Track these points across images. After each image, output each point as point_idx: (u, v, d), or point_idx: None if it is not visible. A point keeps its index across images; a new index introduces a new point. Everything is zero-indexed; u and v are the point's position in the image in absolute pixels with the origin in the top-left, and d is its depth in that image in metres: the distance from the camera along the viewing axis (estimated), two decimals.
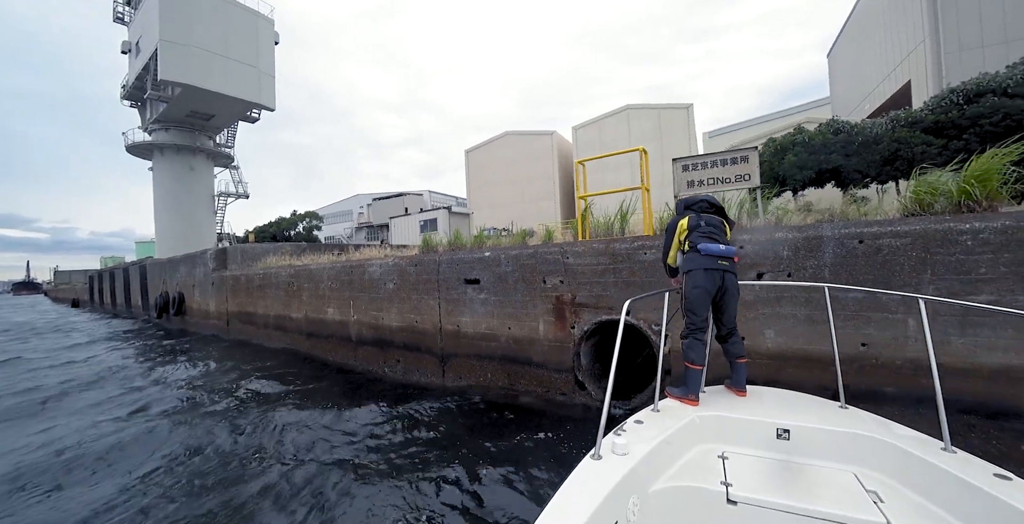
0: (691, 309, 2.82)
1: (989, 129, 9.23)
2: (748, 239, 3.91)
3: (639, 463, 1.85)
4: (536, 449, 4.17)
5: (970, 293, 3.16)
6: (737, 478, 2.01)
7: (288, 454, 4.46)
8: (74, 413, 6.33)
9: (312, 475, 3.96)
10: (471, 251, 6.07)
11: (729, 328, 2.95)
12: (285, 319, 10.38)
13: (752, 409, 2.50)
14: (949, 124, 10.30)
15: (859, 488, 1.92)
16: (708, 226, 2.91)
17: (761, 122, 32.77)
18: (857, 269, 3.51)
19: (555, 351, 5.12)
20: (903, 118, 11.39)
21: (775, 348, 3.82)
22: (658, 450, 2.03)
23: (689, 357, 2.73)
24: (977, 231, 3.16)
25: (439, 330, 6.44)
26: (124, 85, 28.14)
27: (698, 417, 2.42)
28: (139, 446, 4.83)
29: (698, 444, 2.33)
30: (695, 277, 2.80)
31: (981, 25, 15.01)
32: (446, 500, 3.46)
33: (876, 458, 2.06)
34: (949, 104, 10.28)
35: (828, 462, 2.15)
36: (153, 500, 3.65)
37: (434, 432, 4.76)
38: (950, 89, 10.10)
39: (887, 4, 18.88)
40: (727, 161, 4.41)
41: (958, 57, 15.45)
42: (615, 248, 4.60)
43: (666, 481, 2.00)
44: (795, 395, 2.80)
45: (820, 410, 2.48)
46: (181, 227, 27.05)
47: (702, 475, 2.05)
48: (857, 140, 12.30)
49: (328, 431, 5.01)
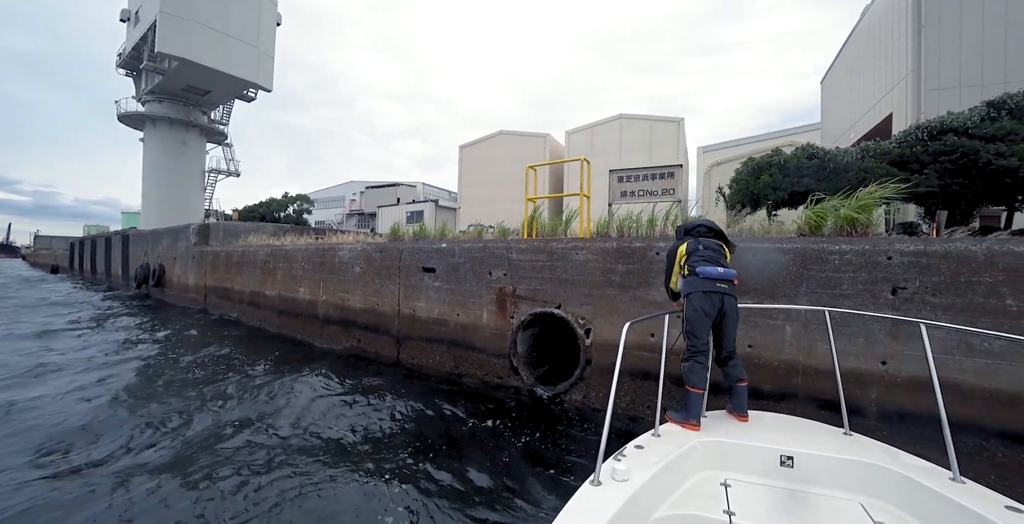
0: (691, 332, 2.83)
1: (948, 166, 9.88)
2: (664, 246, 4.39)
3: (640, 490, 1.81)
4: (474, 425, 4.63)
5: (835, 305, 3.67)
6: (740, 507, 1.96)
7: (237, 418, 4.85)
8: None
9: (262, 438, 4.36)
10: (431, 242, 6.50)
11: (728, 351, 2.95)
12: (259, 296, 10.69)
13: (754, 435, 2.46)
14: (913, 158, 10.97)
15: (866, 519, 1.88)
16: (707, 250, 2.95)
17: (754, 141, 33.53)
18: (749, 279, 4.01)
19: (495, 338, 5.58)
20: (872, 149, 12.06)
21: (681, 345, 4.31)
22: (659, 477, 1.98)
23: (690, 381, 2.72)
24: (843, 252, 3.68)
25: (397, 313, 6.86)
26: (120, 53, 27.89)
27: (700, 443, 2.38)
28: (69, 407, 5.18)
29: (700, 471, 2.28)
30: (694, 300, 2.82)
31: (960, 67, 15.77)
32: (391, 463, 3.89)
33: (883, 487, 2.02)
34: (914, 139, 10.93)
35: (833, 491, 2.10)
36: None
37: (386, 408, 5.19)
38: (916, 125, 10.74)
39: (877, 39, 19.63)
40: (656, 175, 4.89)
41: (937, 95, 16.21)
42: (552, 247, 5.06)
43: (668, 509, 1.95)
44: (798, 421, 2.78)
45: (824, 437, 2.45)
46: (169, 201, 26.95)
47: (704, 503, 2.00)
48: (829, 166, 12.94)
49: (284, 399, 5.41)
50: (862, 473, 2.09)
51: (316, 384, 5.93)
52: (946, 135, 10.07)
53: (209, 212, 30.97)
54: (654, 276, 4.41)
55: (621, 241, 4.65)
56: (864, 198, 4.00)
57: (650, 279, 4.45)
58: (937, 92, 16.33)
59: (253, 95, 29.07)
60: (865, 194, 4.03)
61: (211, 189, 31.03)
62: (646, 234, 4.97)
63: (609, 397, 2.00)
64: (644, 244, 4.51)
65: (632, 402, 4.54)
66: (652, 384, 4.43)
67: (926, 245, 3.45)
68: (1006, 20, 13.39)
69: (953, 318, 3.32)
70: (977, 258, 3.30)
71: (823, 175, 12.73)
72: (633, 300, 4.54)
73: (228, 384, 5.99)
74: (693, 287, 2.85)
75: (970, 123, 9.95)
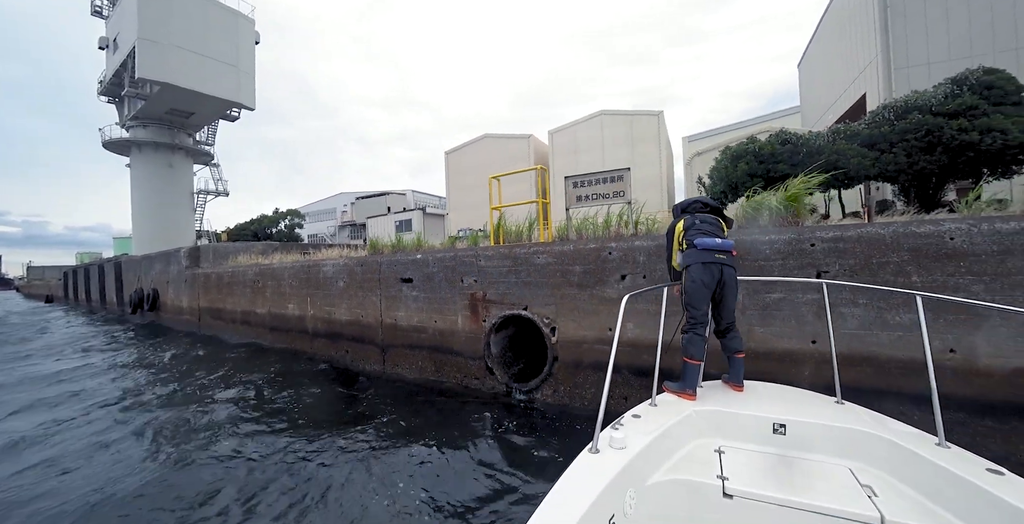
0: (691, 303, 2.84)
1: (914, 144, 10.22)
2: (615, 247, 4.70)
3: (636, 457, 1.87)
4: (456, 423, 4.92)
5: (767, 292, 3.98)
6: (733, 472, 2.03)
7: (237, 423, 5.13)
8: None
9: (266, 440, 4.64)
10: (407, 254, 6.79)
11: (728, 323, 2.97)
12: (251, 314, 10.96)
13: (749, 404, 2.53)
14: (881, 138, 11.31)
15: (854, 482, 1.95)
16: (703, 224, 2.97)
17: (737, 128, 33.94)
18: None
19: (471, 341, 5.87)
20: (843, 131, 12.40)
21: (635, 338, 4.62)
22: (655, 444, 2.05)
23: (688, 352, 2.73)
24: (773, 242, 3.99)
25: (380, 323, 7.15)
26: (101, 80, 28.08)
27: (695, 412, 2.45)
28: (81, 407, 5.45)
29: (695, 438, 2.35)
30: (693, 272, 2.83)
31: (927, 44, 16.16)
32: (388, 457, 4.18)
33: (871, 453, 2.09)
34: (882, 119, 11.27)
35: (824, 457, 2.17)
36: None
37: (373, 408, 5.47)
38: (883, 105, 11.06)
39: (846, 20, 20.03)
40: (607, 179, 5.20)
41: (907, 73, 16.61)
42: (516, 253, 5.36)
43: (663, 475, 2.02)
44: (792, 390, 2.85)
45: (816, 405, 2.52)
46: (159, 224, 27.15)
47: (699, 469, 2.07)
48: (802, 151, 13.29)
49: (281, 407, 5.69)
50: (851, 439, 2.15)
51: (312, 393, 6.21)
52: (911, 114, 10.42)
53: (200, 233, 31.15)
54: (608, 274, 4.72)
55: (577, 243, 4.96)
56: (792, 189, 4.32)
57: (605, 277, 4.75)
58: (906, 70, 16.73)
59: (236, 114, 29.31)
60: (793, 185, 4.34)
61: (201, 210, 31.21)
62: (602, 235, 5.28)
63: (606, 372, 2.02)
64: (598, 245, 4.81)
65: (597, 394, 4.84)
66: (616, 376, 4.73)
67: (842, 231, 3.77)
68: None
69: (868, 297, 3.64)
70: (885, 240, 3.61)
71: (797, 160, 13.07)
72: (591, 298, 4.84)
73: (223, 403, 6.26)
74: (692, 259, 2.85)
75: (934, 101, 10.29)
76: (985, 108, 7.93)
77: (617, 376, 4.73)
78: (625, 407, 4.65)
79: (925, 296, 2.18)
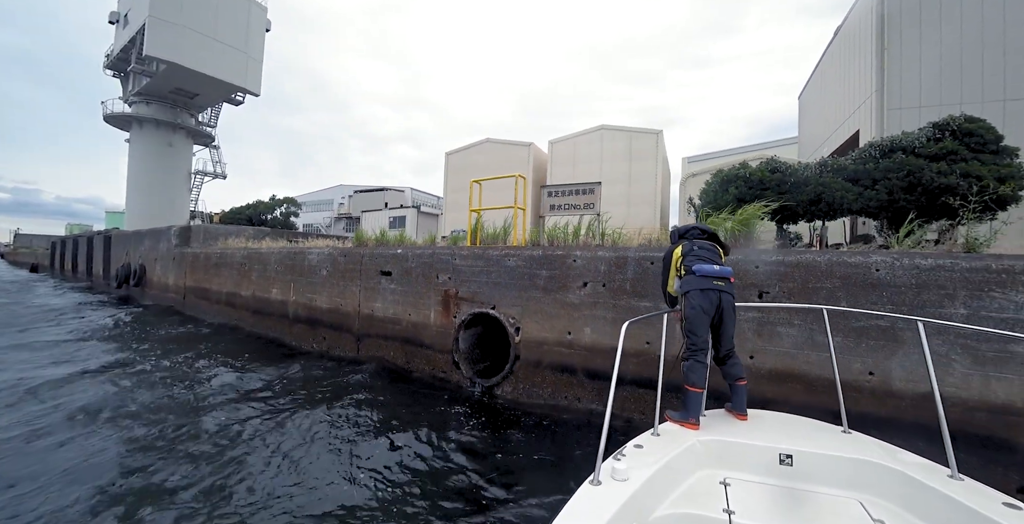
0: (691, 330, 2.83)
1: (896, 182, 10.66)
2: (579, 255, 4.99)
3: (639, 489, 1.81)
4: (423, 411, 5.16)
5: None
6: (740, 505, 1.97)
7: (216, 405, 5.32)
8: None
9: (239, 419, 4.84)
10: (388, 247, 7.04)
11: (727, 349, 2.96)
12: (235, 296, 11.10)
13: (754, 433, 2.47)
14: (865, 174, 11.77)
15: (865, 517, 1.88)
16: (701, 250, 2.98)
17: (734, 153, 34.61)
18: (647, 284, 4.61)
19: (441, 336, 6.12)
20: (830, 164, 12.87)
21: (591, 342, 4.89)
22: (659, 476, 1.99)
23: (690, 380, 2.71)
24: None
25: (358, 313, 7.36)
26: (108, 54, 28.10)
27: (699, 442, 2.38)
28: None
29: (699, 469, 2.28)
30: (693, 298, 2.83)
31: (920, 89, 16.83)
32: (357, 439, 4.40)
33: (882, 485, 2.02)
34: (867, 156, 11.75)
35: (833, 489, 2.10)
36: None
37: (348, 396, 5.69)
38: (869, 143, 11.53)
39: (846, 59, 20.77)
40: (579, 191, 5.51)
41: (899, 114, 17.27)
42: (489, 254, 5.63)
43: (667, 508, 1.95)
44: (797, 419, 2.80)
45: (823, 435, 2.46)
46: (154, 202, 27.09)
47: (704, 502, 2.01)
48: (790, 180, 13.76)
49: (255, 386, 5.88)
50: (861, 471, 2.09)
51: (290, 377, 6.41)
52: (896, 153, 10.89)
53: (195, 213, 31.10)
54: (571, 281, 5.00)
55: (545, 249, 5.24)
56: (743, 214, 4.64)
57: (568, 283, 5.04)
58: (899, 111, 17.40)
59: (241, 99, 29.42)
60: (745, 211, 4.67)
61: (197, 190, 31.20)
62: (571, 243, 5.57)
63: (608, 395, 1.98)
64: (564, 252, 5.10)
65: (553, 393, 5.10)
66: (569, 377, 5.00)
67: (784, 256, 4.09)
68: (961, 45, 14.38)
69: (803, 318, 3.94)
70: (821, 267, 3.93)
71: (784, 188, 13.56)
72: (554, 302, 5.12)
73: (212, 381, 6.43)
74: (691, 285, 2.86)
75: (917, 143, 10.77)
76: (964, 154, 8.35)
77: (573, 378, 4.99)
78: (578, 406, 4.93)
79: (927, 322, 2.14)
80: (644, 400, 4.51)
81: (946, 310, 3.53)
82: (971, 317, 3.46)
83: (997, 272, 3.42)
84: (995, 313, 3.40)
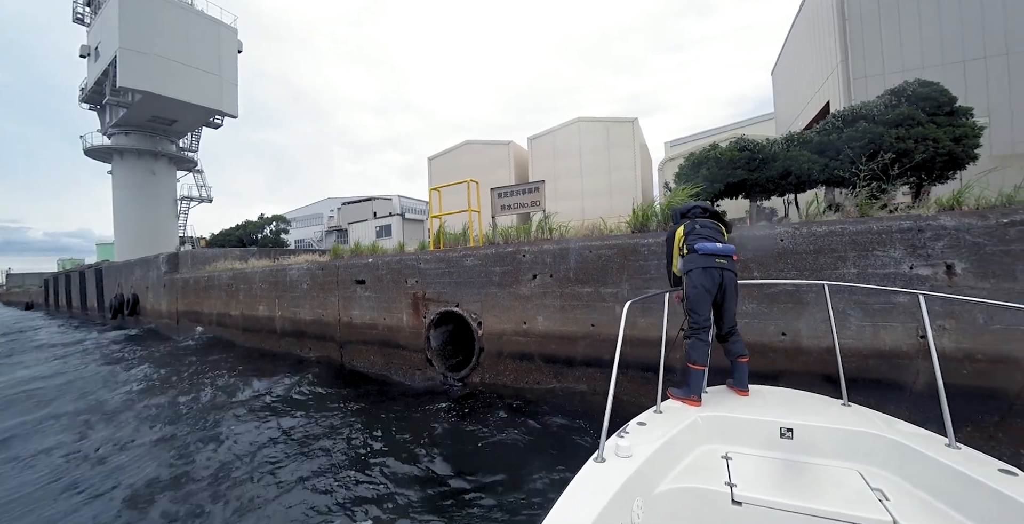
0: (692, 308, 2.84)
1: (858, 151, 11.04)
2: (528, 250, 5.40)
3: (643, 465, 1.84)
4: (402, 408, 5.57)
5: (645, 288, 4.69)
6: (741, 478, 2.01)
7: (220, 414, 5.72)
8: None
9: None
10: (360, 258, 7.44)
11: (729, 327, 2.98)
12: (226, 316, 11.48)
13: (755, 408, 2.51)
14: (830, 145, 12.15)
15: (864, 486, 1.92)
16: (703, 228, 2.97)
17: (713, 134, 35.01)
18: (588, 271, 5.02)
19: (413, 336, 6.53)
20: (796, 138, 13.25)
21: (544, 329, 5.31)
22: (662, 452, 2.02)
23: (691, 357, 2.73)
24: (649, 245, 4.71)
25: (338, 322, 7.77)
26: (83, 88, 28.31)
27: (701, 418, 2.42)
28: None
29: (701, 445, 2.32)
30: (694, 276, 2.83)
31: (883, 55, 17.28)
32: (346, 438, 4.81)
33: (881, 456, 2.07)
34: (831, 127, 12.12)
35: (832, 461, 2.15)
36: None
37: (330, 399, 6.11)
38: (833, 114, 11.89)
39: (811, 31, 21.19)
40: (525, 191, 5.92)
41: (864, 83, 17.70)
42: (450, 256, 6.04)
43: (670, 483, 1.99)
44: (798, 393, 2.83)
45: (823, 408, 2.50)
46: (142, 231, 27.36)
47: (706, 476, 2.05)
48: (758, 157, 14.16)
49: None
50: (860, 442, 2.13)
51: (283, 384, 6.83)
52: (858, 123, 11.26)
53: (184, 239, 31.37)
54: (522, 274, 5.41)
55: (498, 248, 5.65)
56: (675, 196, 5.05)
57: (520, 277, 5.45)
58: (864, 80, 17.83)
59: (219, 122, 29.69)
60: (676, 192, 5.08)
61: (184, 216, 31.47)
62: (521, 239, 5.98)
63: (611, 377, 2.01)
64: (515, 248, 5.51)
65: (516, 379, 5.52)
66: (528, 363, 5.42)
67: None
68: (919, 11, 14.79)
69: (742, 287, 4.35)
70: (736, 241, 4.34)
71: (754, 165, 13.96)
72: (509, 295, 5.53)
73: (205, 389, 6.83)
74: (693, 264, 2.86)
75: (876, 111, 11.14)
76: (921, 118, 8.68)
77: (531, 364, 5.41)
78: (538, 388, 5.34)
79: (928, 295, 2.19)
80: (594, 378, 4.94)
81: (839, 270, 3.96)
82: (860, 275, 3.88)
83: (878, 233, 3.85)
84: (879, 269, 3.82)
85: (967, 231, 3.58)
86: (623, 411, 2.57)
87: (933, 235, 3.68)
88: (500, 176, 31.25)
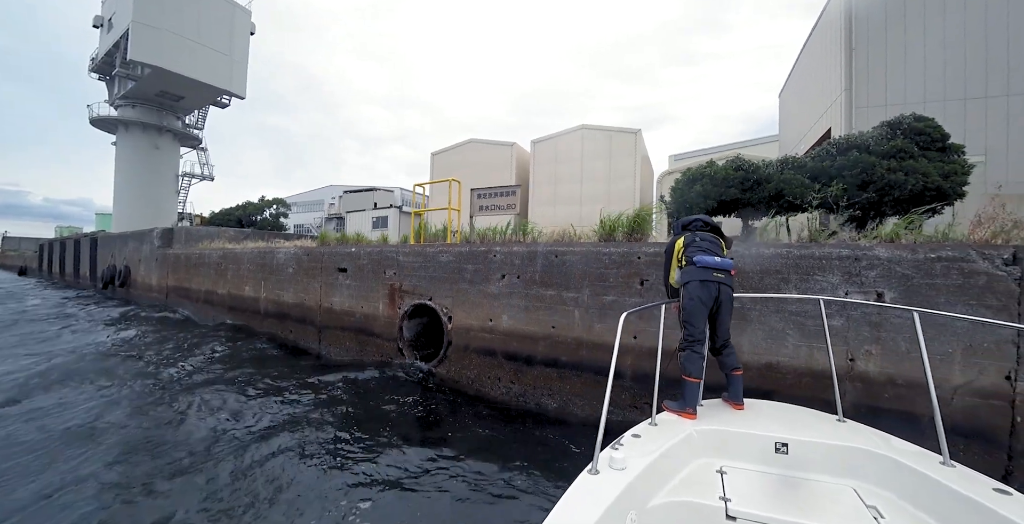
0: (688, 321, 2.85)
1: (850, 179, 11.28)
2: (499, 250, 5.64)
3: (637, 478, 1.84)
4: (371, 394, 5.81)
5: (603, 294, 4.93)
6: (736, 493, 2.00)
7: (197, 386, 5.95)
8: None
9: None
10: (344, 246, 7.66)
11: (723, 340, 2.99)
12: (213, 294, 11.70)
13: (750, 423, 2.50)
14: (823, 171, 12.42)
15: (859, 503, 1.91)
16: (703, 241, 2.99)
17: (718, 151, 35.34)
18: (553, 275, 5.26)
19: (388, 326, 6.76)
20: (791, 162, 13.52)
21: (508, 328, 5.54)
22: (656, 465, 2.02)
23: (687, 370, 2.72)
24: (610, 254, 4.95)
25: (319, 307, 7.99)
26: (94, 58, 28.42)
27: (696, 431, 2.41)
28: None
29: (696, 458, 2.32)
30: (691, 289, 2.84)
31: (886, 88, 17.60)
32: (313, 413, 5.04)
33: (875, 472, 2.06)
34: (825, 154, 12.40)
35: (827, 477, 2.14)
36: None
37: (304, 383, 6.34)
38: (828, 142, 12.16)
39: (819, 58, 21.52)
40: (503, 193, 6.17)
41: (866, 112, 18.02)
42: (427, 251, 6.28)
43: (664, 496, 1.98)
44: (793, 408, 2.82)
45: (818, 423, 2.50)
46: (141, 204, 27.50)
47: (701, 490, 2.04)
48: (752, 177, 14.45)
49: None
50: (855, 459, 2.13)
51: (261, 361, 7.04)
52: (851, 151, 11.53)
53: (183, 215, 31.50)
54: (492, 273, 5.65)
55: (471, 246, 5.89)
56: (641, 212, 5.31)
57: (489, 275, 5.69)
58: (866, 110, 18.16)
59: (227, 102, 29.84)
60: (643, 208, 5.33)
61: (184, 192, 31.60)
62: (497, 239, 6.22)
63: (607, 385, 2.00)
64: (487, 248, 5.75)
65: (479, 375, 5.76)
66: (491, 359, 5.65)
67: (655, 248, 4.75)
68: (925, 46, 15.10)
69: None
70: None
71: (747, 185, 14.27)
72: (478, 293, 5.77)
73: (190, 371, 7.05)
74: (690, 276, 2.88)
75: (871, 141, 11.42)
76: (913, 151, 8.92)
77: (494, 360, 5.65)
78: (499, 385, 5.57)
79: (922, 312, 2.22)
80: (550, 378, 5.18)
81: (782, 292, 4.21)
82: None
83: (819, 258, 4.10)
84: (818, 293, 4.07)
85: (898, 263, 3.83)
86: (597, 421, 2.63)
87: (868, 264, 3.93)
88: (502, 176, 31.51)
